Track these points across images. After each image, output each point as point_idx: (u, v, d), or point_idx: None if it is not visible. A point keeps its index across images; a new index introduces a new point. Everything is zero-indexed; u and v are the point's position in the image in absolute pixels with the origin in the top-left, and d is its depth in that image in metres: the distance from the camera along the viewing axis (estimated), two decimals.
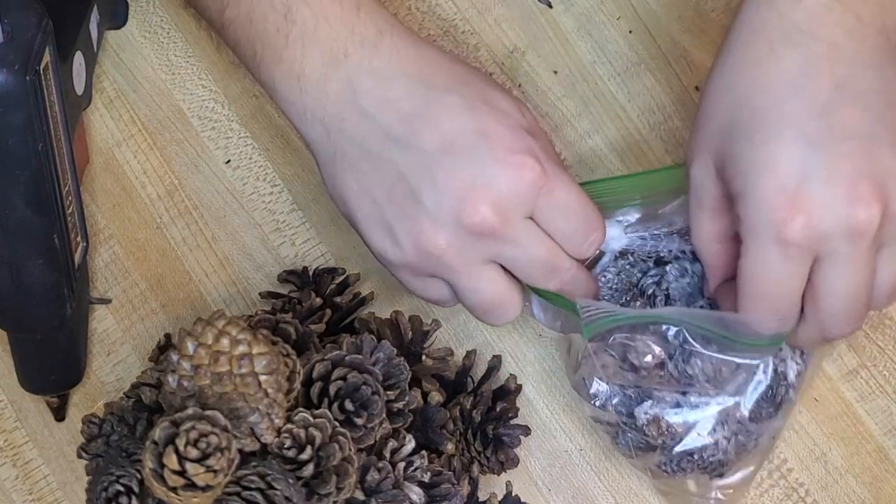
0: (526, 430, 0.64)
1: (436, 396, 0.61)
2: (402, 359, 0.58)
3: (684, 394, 0.61)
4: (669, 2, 0.70)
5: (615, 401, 0.61)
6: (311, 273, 0.67)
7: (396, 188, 0.56)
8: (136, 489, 0.52)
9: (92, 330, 0.69)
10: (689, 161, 0.58)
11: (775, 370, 0.61)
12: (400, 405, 0.57)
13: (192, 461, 0.48)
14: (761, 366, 0.61)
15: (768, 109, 0.53)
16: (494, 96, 0.58)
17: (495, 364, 0.66)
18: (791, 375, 0.62)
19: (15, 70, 0.55)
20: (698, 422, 0.61)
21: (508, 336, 0.68)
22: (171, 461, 0.48)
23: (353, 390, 0.55)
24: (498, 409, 0.63)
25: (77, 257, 0.63)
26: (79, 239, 0.64)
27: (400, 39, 0.58)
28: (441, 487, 0.57)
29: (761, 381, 0.61)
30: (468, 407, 0.63)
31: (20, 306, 0.61)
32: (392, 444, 0.57)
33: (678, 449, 0.61)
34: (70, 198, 0.61)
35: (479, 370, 0.66)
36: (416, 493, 0.56)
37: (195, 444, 0.48)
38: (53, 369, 0.66)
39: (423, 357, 0.63)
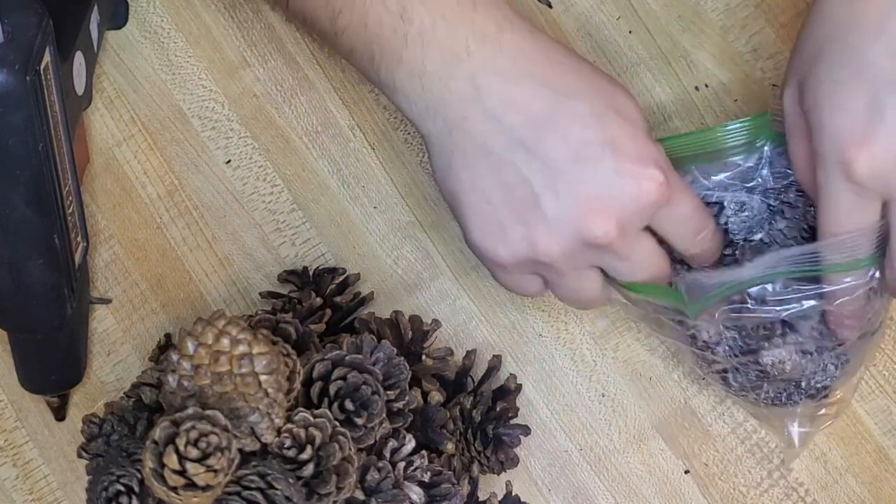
0: (526, 430, 0.64)
1: (436, 396, 0.61)
2: (402, 359, 0.58)
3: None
4: (669, 2, 0.70)
5: (727, 345, 0.62)
6: (311, 273, 0.67)
7: (516, 192, 0.56)
8: (136, 489, 0.52)
9: (92, 330, 0.69)
10: (783, 84, 0.58)
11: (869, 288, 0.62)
12: (400, 405, 0.57)
13: (193, 461, 0.48)
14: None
15: (853, 48, 0.54)
16: (621, 101, 0.57)
17: (495, 364, 0.66)
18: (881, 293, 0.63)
19: (15, 70, 0.55)
20: (807, 352, 0.62)
21: (508, 336, 0.68)
22: (172, 461, 0.48)
23: (353, 390, 0.55)
24: (498, 409, 0.64)
25: (77, 257, 0.63)
26: (79, 239, 0.64)
27: (521, 36, 0.57)
28: (441, 487, 0.57)
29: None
30: (468, 407, 0.63)
31: (20, 306, 0.61)
32: (392, 443, 0.57)
33: (787, 379, 0.62)
34: (70, 198, 0.61)
35: (479, 370, 0.66)
36: (416, 492, 0.56)
37: (195, 443, 0.48)
38: (54, 369, 0.66)
39: (423, 357, 0.63)
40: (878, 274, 0.60)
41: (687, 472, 0.67)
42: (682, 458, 0.67)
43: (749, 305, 0.60)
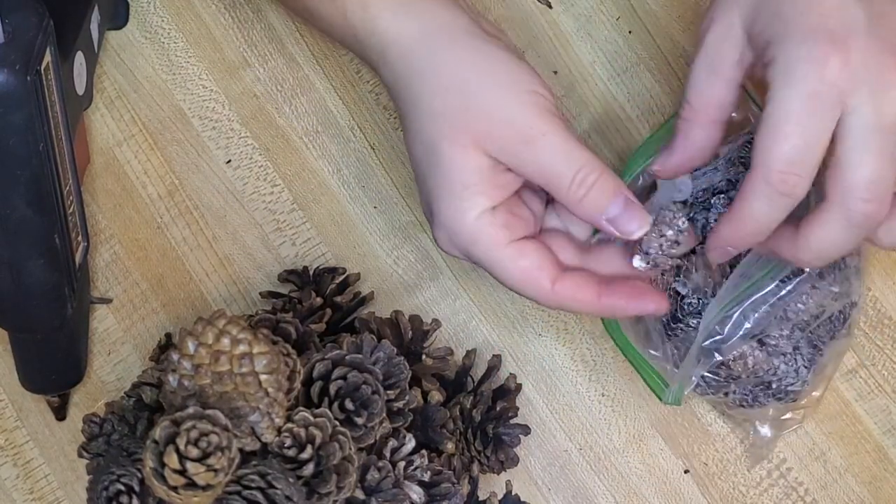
0: (526, 430, 0.64)
1: (436, 396, 0.61)
2: (402, 358, 0.58)
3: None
4: (669, 2, 0.70)
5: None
6: (311, 273, 0.67)
7: (420, 185, 0.59)
8: (136, 488, 0.52)
9: (93, 329, 0.69)
10: (707, 25, 0.57)
11: (841, 291, 0.63)
12: (400, 404, 0.57)
13: (193, 460, 0.48)
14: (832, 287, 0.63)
15: None
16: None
17: (495, 363, 0.66)
18: (854, 296, 0.63)
19: (16, 70, 0.55)
20: (780, 353, 0.63)
21: (508, 336, 0.69)
22: (172, 460, 0.48)
23: (353, 390, 0.55)
24: (498, 409, 0.64)
25: (78, 257, 0.63)
26: (79, 239, 0.64)
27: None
28: (441, 487, 0.57)
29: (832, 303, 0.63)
30: (468, 406, 0.63)
31: (21, 306, 0.61)
32: (392, 443, 0.57)
33: (757, 381, 0.63)
34: (71, 198, 0.61)
35: (479, 370, 0.66)
36: (416, 492, 0.56)
37: (196, 443, 0.49)
38: (54, 369, 0.66)
39: (423, 356, 0.63)
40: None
41: (686, 471, 0.67)
42: (681, 458, 0.67)
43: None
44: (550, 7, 0.71)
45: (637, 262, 0.58)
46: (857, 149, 0.51)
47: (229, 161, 0.70)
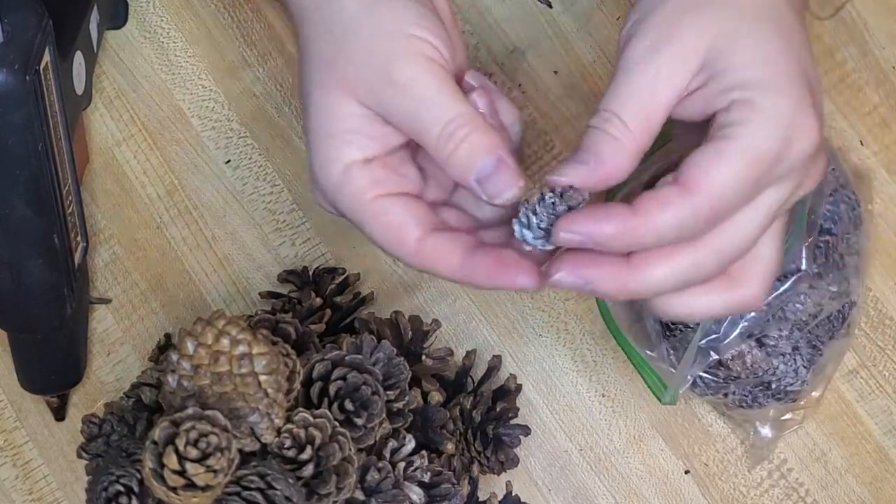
0: (526, 430, 0.64)
1: (436, 396, 0.61)
2: (402, 359, 0.58)
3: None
4: None
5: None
6: (311, 273, 0.67)
7: None
8: (136, 489, 0.52)
9: (92, 330, 0.69)
10: (660, 40, 0.50)
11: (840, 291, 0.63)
12: (400, 405, 0.57)
13: (192, 461, 0.48)
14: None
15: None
16: None
17: (495, 364, 0.66)
18: (853, 295, 0.63)
19: (15, 70, 0.54)
20: (779, 353, 0.63)
21: (508, 336, 0.68)
22: (171, 461, 0.48)
23: (353, 390, 0.55)
24: (498, 409, 0.63)
25: (77, 257, 0.63)
26: (79, 239, 0.64)
27: None
28: (441, 487, 0.57)
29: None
30: (468, 407, 0.63)
31: (20, 306, 0.61)
32: (392, 444, 0.57)
33: (756, 381, 0.63)
34: (70, 197, 0.61)
35: (479, 370, 0.66)
36: (416, 492, 0.56)
37: (195, 443, 0.48)
38: (53, 369, 0.66)
39: (423, 357, 0.63)
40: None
41: (687, 472, 0.67)
42: (682, 459, 0.67)
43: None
44: (551, 7, 0.70)
45: (518, 231, 0.50)
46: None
47: (229, 161, 0.70)
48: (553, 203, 0.49)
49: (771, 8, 0.50)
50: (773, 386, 0.63)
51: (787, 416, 0.65)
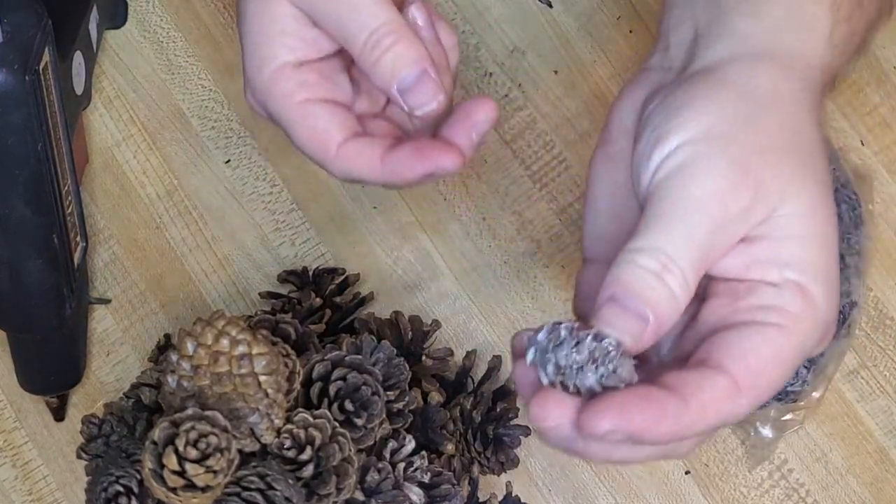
0: (526, 431, 0.64)
1: (436, 397, 0.61)
2: (402, 359, 0.58)
3: None
4: None
5: None
6: (310, 273, 0.67)
7: None
8: (135, 489, 0.52)
9: (91, 330, 0.69)
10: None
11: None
12: (400, 405, 0.57)
13: (192, 461, 0.48)
14: None
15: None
16: None
17: (495, 364, 0.66)
18: (854, 295, 0.63)
19: (14, 70, 0.54)
20: None
21: (508, 336, 0.68)
22: (171, 461, 0.48)
23: (352, 390, 0.55)
24: (498, 410, 0.63)
25: (76, 257, 0.63)
26: (78, 239, 0.63)
27: None
28: (441, 488, 0.57)
29: None
30: (468, 407, 0.63)
31: (20, 306, 0.61)
32: (392, 444, 0.57)
33: None
34: (69, 198, 0.61)
35: (480, 370, 0.66)
36: (416, 493, 0.56)
37: (195, 444, 0.48)
38: (53, 369, 0.66)
39: (423, 357, 0.63)
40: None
41: (688, 472, 0.67)
42: (682, 459, 0.67)
43: None
44: (551, 6, 0.70)
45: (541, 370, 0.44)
46: None
47: (228, 161, 0.70)
48: (594, 354, 0.42)
49: (809, 142, 0.46)
50: None
51: (788, 416, 0.65)
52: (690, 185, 0.43)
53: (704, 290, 0.45)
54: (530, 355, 0.43)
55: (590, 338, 0.42)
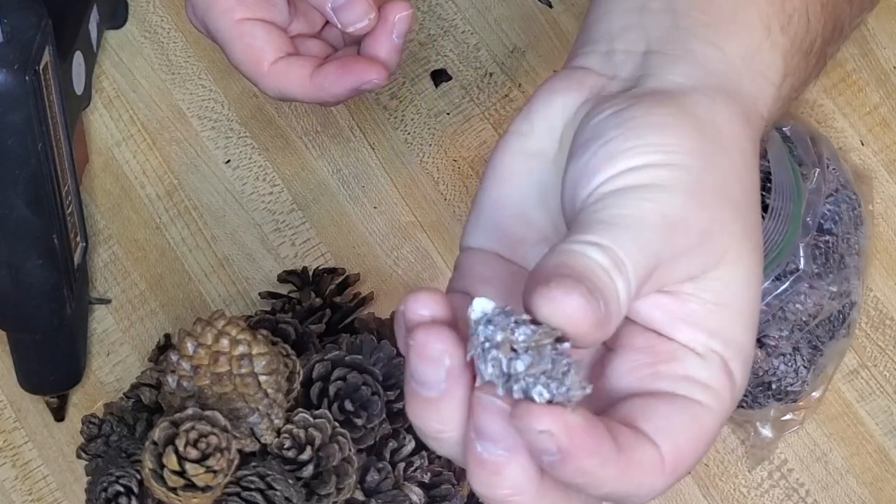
0: None
1: None
2: (403, 359, 0.58)
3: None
4: None
5: None
6: (310, 273, 0.67)
7: None
8: (135, 489, 0.52)
9: (91, 330, 0.69)
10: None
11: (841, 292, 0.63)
12: (400, 405, 0.57)
13: (192, 461, 0.48)
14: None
15: None
16: None
17: None
18: (854, 295, 0.63)
19: (14, 70, 0.54)
20: (780, 353, 0.63)
21: None
22: (171, 461, 0.48)
23: (352, 390, 0.55)
24: None
25: (76, 257, 0.63)
26: (78, 239, 0.63)
27: None
28: (441, 488, 0.57)
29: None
30: None
31: (20, 306, 0.61)
32: (392, 444, 0.57)
33: (757, 382, 0.63)
34: (69, 198, 0.61)
35: None
36: (416, 493, 0.56)
37: (195, 444, 0.48)
38: (53, 369, 0.66)
39: None
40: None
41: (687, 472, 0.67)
42: None
43: None
44: (551, 6, 0.70)
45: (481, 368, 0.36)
46: None
47: (228, 161, 0.70)
48: (530, 344, 0.35)
49: (756, 200, 0.43)
50: (774, 386, 0.63)
51: (788, 416, 0.65)
52: (645, 205, 0.39)
53: (615, 338, 0.41)
54: (470, 350, 0.36)
55: (542, 342, 0.35)
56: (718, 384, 0.40)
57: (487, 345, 0.35)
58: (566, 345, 0.35)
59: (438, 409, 0.37)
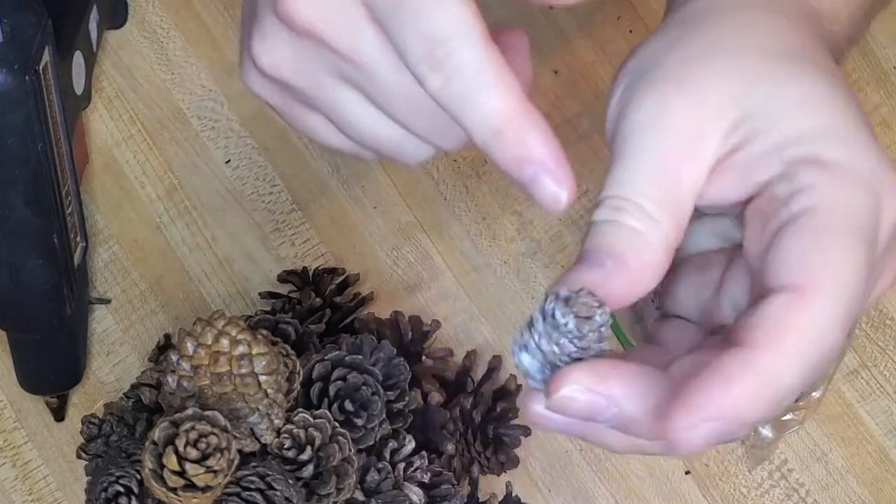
0: (526, 431, 0.64)
1: (436, 397, 0.61)
2: (402, 359, 0.58)
3: None
4: None
5: None
6: (310, 273, 0.67)
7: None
8: (135, 489, 0.52)
9: (91, 330, 0.69)
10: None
11: None
12: (400, 405, 0.57)
13: (192, 462, 0.48)
14: None
15: None
16: None
17: (495, 364, 0.66)
18: None
19: (14, 70, 0.54)
20: None
21: (508, 336, 0.68)
22: (171, 461, 0.48)
23: (352, 390, 0.55)
24: (498, 410, 0.63)
25: (76, 257, 0.63)
26: (78, 239, 0.63)
27: None
28: (441, 488, 0.57)
29: None
30: (468, 407, 0.63)
31: (20, 306, 0.61)
32: (392, 444, 0.57)
33: None
34: (69, 198, 0.61)
35: (480, 370, 0.66)
36: (416, 493, 0.56)
37: (195, 444, 0.48)
38: (53, 369, 0.66)
39: (423, 357, 0.63)
40: None
41: (688, 472, 0.67)
42: (682, 459, 0.67)
43: None
44: (551, 7, 0.70)
45: (518, 356, 0.37)
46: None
47: (228, 161, 0.70)
48: (559, 315, 0.35)
49: (808, 49, 0.39)
50: None
51: (788, 416, 0.65)
52: (630, 114, 0.38)
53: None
54: (513, 349, 0.37)
55: (554, 304, 0.36)
56: (811, 179, 0.35)
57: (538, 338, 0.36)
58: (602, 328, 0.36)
59: None
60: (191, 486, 0.49)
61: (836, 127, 0.36)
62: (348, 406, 0.55)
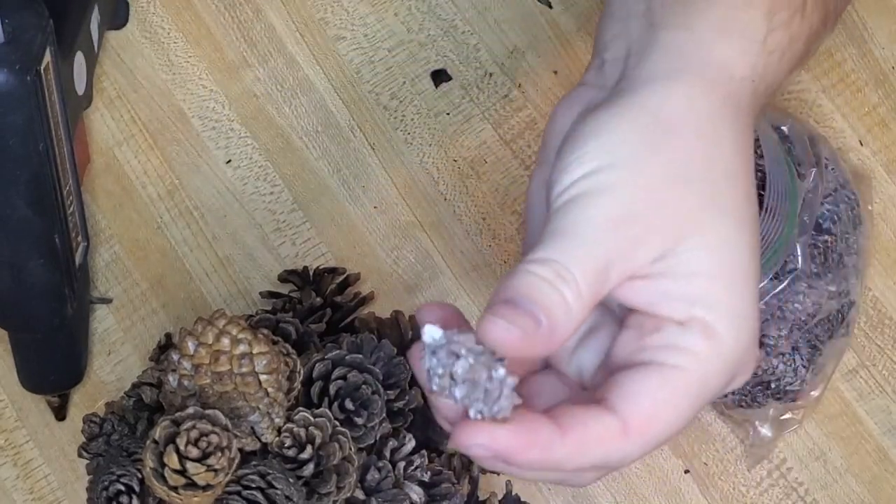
0: None
1: None
2: (403, 358, 0.58)
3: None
4: None
5: None
6: (311, 273, 0.67)
7: None
8: (136, 488, 0.52)
9: (92, 329, 0.69)
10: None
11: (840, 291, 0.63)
12: (400, 404, 0.57)
13: (193, 460, 0.48)
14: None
15: None
16: None
17: None
18: (853, 295, 0.63)
19: (16, 70, 0.55)
20: (779, 353, 0.63)
21: None
22: (172, 460, 0.48)
23: (353, 390, 0.55)
24: None
25: (78, 257, 0.63)
26: (79, 239, 0.64)
27: None
28: (441, 487, 0.57)
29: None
30: None
31: (21, 306, 0.61)
32: (392, 443, 0.57)
33: (756, 381, 0.63)
34: (71, 198, 0.61)
35: None
36: (416, 492, 0.56)
37: (196, 443, 0.49)
38: (54, 369, 0.66)
39: None
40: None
41: (687, 471, 0.67)
42: (681, 458, 0.67)
43: None
44: (550, 7, 0.71)
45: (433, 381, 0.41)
46: None
47: (229, 161, 0.70)
48: (465, 377, 0.40)
49: (724, 168, 0.44)
50: (773, 385, 0.63)
51: (787, 415, 0.65)
52: (589, 211, 0.42)
53: (622, 321, 0.45)
54: (425, 362, 0.41)
55: (480, 365, 0.40)
56: (697, 346, 0.42)
57: (431, 373, 0.40)
58: (501, 371, 0.40)
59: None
60: (192, 484, 0.49)
61: (733, 303, 0.42)
62: (349, 405, 0.55)
